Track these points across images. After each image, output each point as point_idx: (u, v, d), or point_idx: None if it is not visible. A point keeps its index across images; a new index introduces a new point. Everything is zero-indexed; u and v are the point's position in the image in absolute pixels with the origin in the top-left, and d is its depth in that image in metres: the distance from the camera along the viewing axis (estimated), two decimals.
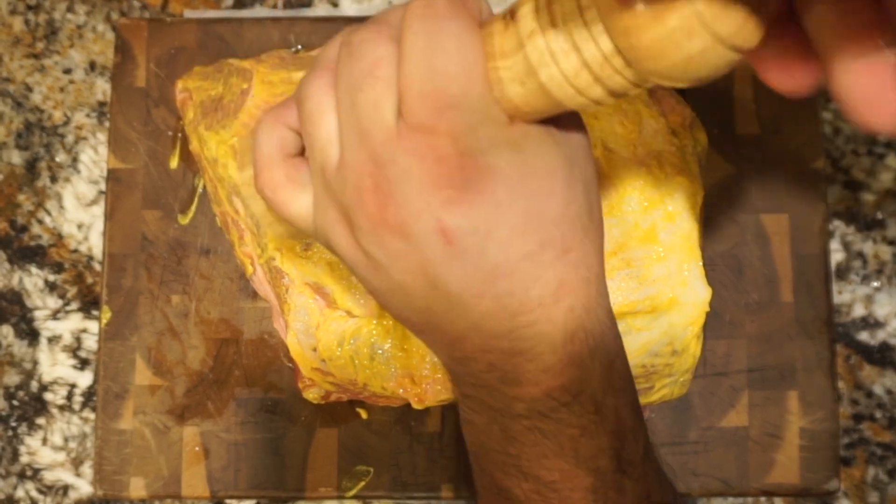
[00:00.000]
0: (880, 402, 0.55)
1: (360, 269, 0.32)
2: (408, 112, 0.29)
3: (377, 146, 0.29)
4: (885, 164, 0.57)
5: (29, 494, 0.55)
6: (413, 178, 0.29)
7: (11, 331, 0.56)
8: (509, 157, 0.29)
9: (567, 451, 0.31)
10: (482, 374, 0.32)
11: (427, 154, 0.29)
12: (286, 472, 0.53)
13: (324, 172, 0.31)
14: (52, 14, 0.59)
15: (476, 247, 0.29)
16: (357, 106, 0.30)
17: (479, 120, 0.29)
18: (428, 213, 0.29)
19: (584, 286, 0.31)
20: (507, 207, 0.29)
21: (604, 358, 0.32)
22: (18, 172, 0.58)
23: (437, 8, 0.29)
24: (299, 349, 0.49)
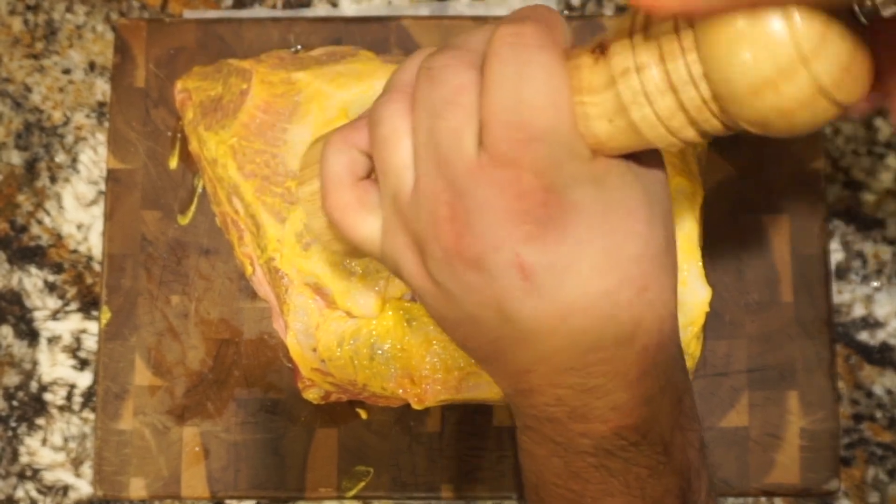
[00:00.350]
0: (880, 402, 0.55)
1: (427, 298, 0.32)
2: (491, 143, 0.28)
3: (456, 175, 0.29)
4: (884, 163, 0.57)
5: (29, 495, 0.55)
6: (493, 211, 0.28)
7: (11, 331, 0.56)
8: (592, 194, 0.29)
9: (634, 490, 0.31)
10: (548, 407, 0.31)
11: (509, 187, 0.28)
12: (286, 473, 0.53)
13: (396, 198, 0.31)
14: (52, 14, 0.59)
15: (553, 283, 0.29)
16: (436, 133, 0.29)
17: (563, 154, 0.28)
18: (507, 247, 0.28)
19: (659, 324, 0.30)
20: (588, 244, 0.29)
21: (673, 395, 0.31)
22: (18, 173, 0.58)
23: (526, 37, 0.28)
24: (299, 349, 0.49)
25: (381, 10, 0.59)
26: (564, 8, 0.58)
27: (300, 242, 0.49)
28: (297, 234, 0.49)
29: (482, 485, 0.52)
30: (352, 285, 0.49)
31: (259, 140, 0.50)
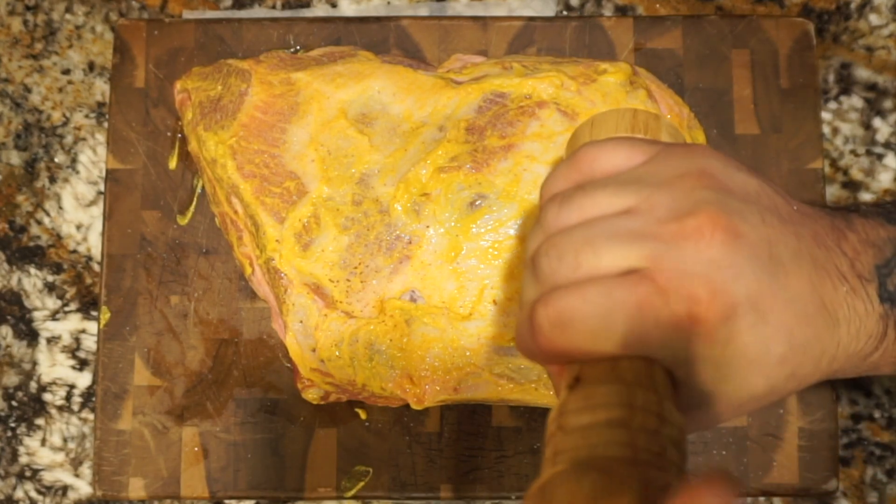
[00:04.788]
0: (879, 401, 0.55)
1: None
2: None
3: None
4: (883, 164, 0.57)
5: (28, 495, 0.55)
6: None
7: (10, 331, 0.56)
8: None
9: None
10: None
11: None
12: (285, 473, 0.53)
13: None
14: (51, 15, 0.59)
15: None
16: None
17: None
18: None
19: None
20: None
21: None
22: (17, 173, 0.58)
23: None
24: (298, 350, 0.49)
25: (381, 11, 0.59)
26: (564, 8, 0.58)
27: (299, 242, 0.49)
28: (297, 234, 0.49)
29: (481, 484, 0.52)
30: (351, 285, 0.49)
31: (258, 140, 0.50)
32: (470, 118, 0.49)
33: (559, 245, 0.32)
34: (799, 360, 0.32)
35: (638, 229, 0.31)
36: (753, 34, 0.56)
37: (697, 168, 0.32)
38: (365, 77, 0.51)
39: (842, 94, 0.57)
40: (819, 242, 0.34)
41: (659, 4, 0.58)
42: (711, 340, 0.30)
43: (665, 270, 0.30)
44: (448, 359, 0.48)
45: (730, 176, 0.33)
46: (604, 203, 0.32)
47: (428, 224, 0.48)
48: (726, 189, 0.32)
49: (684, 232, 0.30)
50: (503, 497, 0.53)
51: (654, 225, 0.31)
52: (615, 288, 0.30)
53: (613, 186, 0.32)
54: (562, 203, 0.33)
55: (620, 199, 0.32)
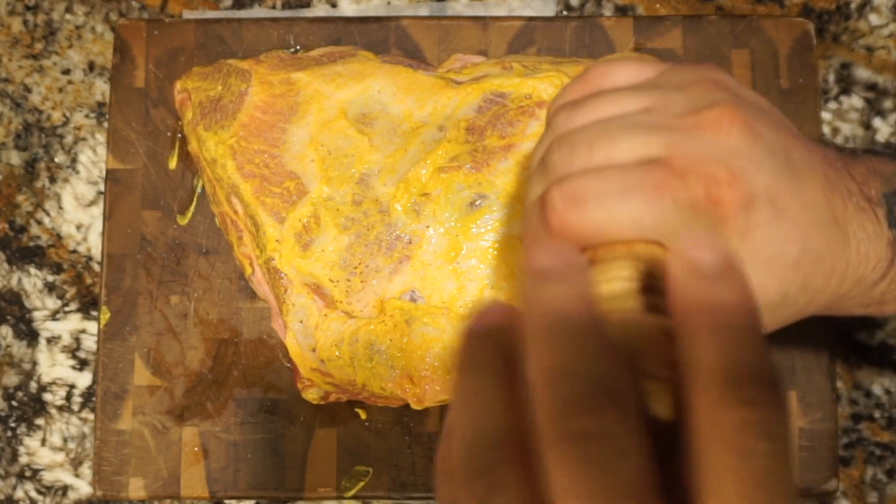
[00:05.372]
0: (879, 402, 0.55)
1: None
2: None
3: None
4: None
5: (28, 495, 0.55)
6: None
7: (10, 331, 0.56)
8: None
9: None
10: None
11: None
12: (285, 473, 0.53)
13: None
14: (51, 14, 0.59)
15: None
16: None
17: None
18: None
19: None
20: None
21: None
22: (17, 173, 0.58)
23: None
24: (298, 350, 0.49)
25: (381, 11, 0.59)
26: (564, 8, 0.58)
27: (299, 242, 0.49)
28: (297, 234, 0.49)
29: None
30: (351, 285, 0.49)
31: (258, 140, 0.50)
32: (470, 118, 0.49)
33: (572, 139, 0.31)
34: (811, 268, 0.32)
35: (655, 122, 0.30)
36: (753, 34, 0.56)
37: (711, 77, 0.32)
38: (365, 77, 0.51)
39: (842, 94, 0.57)
40: (829, 163, 0.34)
41: (659, 4, 0.58)
42: (729, 228, 0.29)
43: (684, 156, 0.29)
44: (448, 359, 0.48)
45: (743, 89, 0.33)
46: (618, 104, 0.31)
47: (428, 224, 0.48)
48: (741, 97, 0.32)
49: (702, 123, 0.30)
50: None
51: (672, 118, 0.30)
52: (633, 170, 0.29)
53: (627, 90, 0.32)
54: (573, 107, 0.32)
55: (634, 101, 0.31)
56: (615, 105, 0.31)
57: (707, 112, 0.30)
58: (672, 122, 0.30)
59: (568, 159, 0.30)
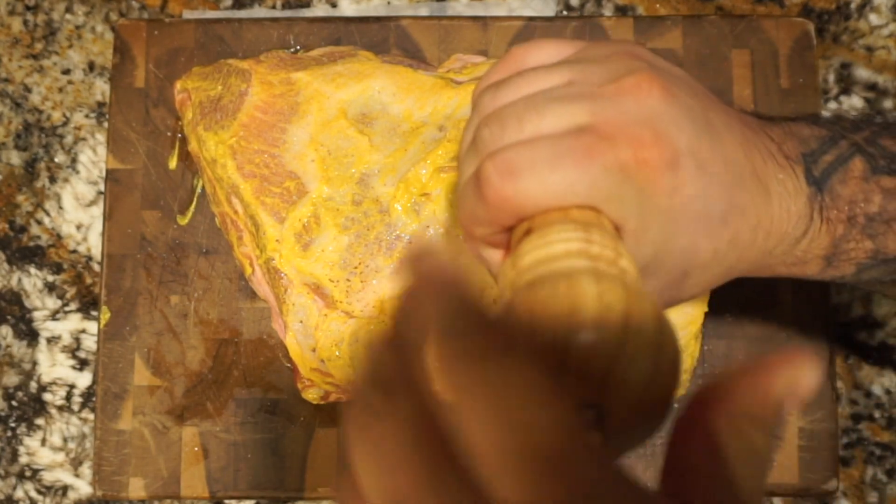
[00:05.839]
0: (879, 402, 0.55)
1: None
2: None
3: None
4: None
5: (28, 495, 0.55)
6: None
7: (10, 331, 0.56)
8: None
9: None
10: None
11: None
12: (285, 473, 0.53)
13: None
14: (51, 14, 0.59)
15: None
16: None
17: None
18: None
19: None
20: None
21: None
22: (17, 173, 0.58)
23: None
24: (298, 350, 0.49)
25: (381, 11, 0.59)
26: (564, 8, 0.58)
27: (299, 242, 0.49)
28: (297, 234, 0.49)
29: None
30: (351, 285, 0.49)
31: (258, 140, 0.50)
32: None
33: (500, 115, 0.32)
34: (738, 223, 0.33)
35: (578, 92, 0.31)
36: (753, 34, 0.56)
37: (626, 49, 0.33)
38: (365, 77, 0.51)
39: (842, 94, 0.57)
40: (747, 124, 0.35)
41: (659, 4, 0.58)
42: (657, 188, 0.30)
43: (609, 121, 0.30)
44: None
45: (658, 59, 0.34)
46: (541, 80, 0.32)
47: (428, 224, 0.48)
48: (657, 65, 0.33)
49: (623, 89, 0.31)
50: None
51: (594, 88, 0.31)
52: (562, 138, 0.30)
53: (548, 67, 0.33)
54: (498, 87, 0.33)
55: (557, 76, 0.32)
56: (539, 81, 0.32)
57: (627, 78, 0.31)
58: (595, 91, 0.31)
59: (499, 134, 0.31)
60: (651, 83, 0.31)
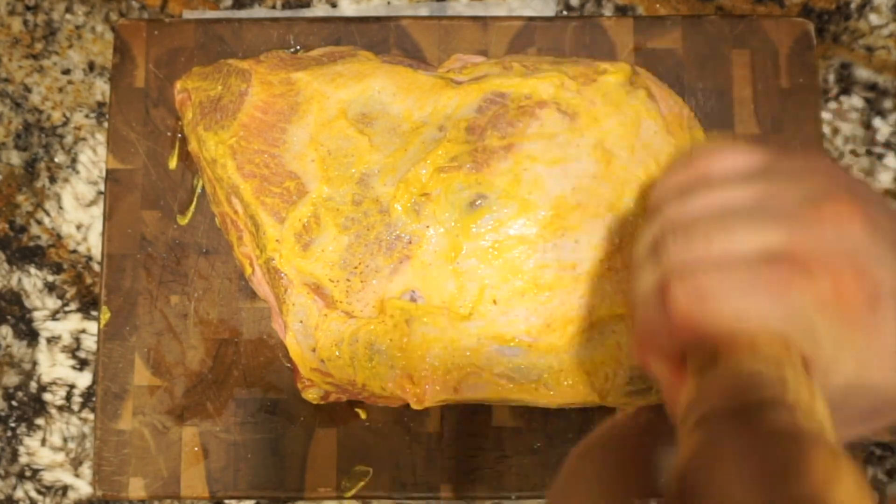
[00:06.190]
0: None
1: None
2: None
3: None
4: (884, 164, 0.57)
5: (28, 495, 0.55)
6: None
7: (10, 331, 0.56)
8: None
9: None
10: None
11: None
12: (285, 473, 0.53)
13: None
14: (51, 14, 0.59)
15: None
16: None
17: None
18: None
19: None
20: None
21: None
22: (17, 173, 0.58)
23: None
24: (298, 350, 0.49)
25: (381, 11, 0.59)
26: (564, 8, 0.58)
27: (299, 242, 0.49)
28: (297, 234, 0.49)
29: (481, 485, 0.52)
30: (351, 285, 0.49)
31: (258, 140, 0.50)
32: (470, 118, 0.49)
33: (686, 227, 0.30)
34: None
35: (771, 212, 0.29)
36: (753, 34, 0.56)
37: (822, 168, 0.31)
38: (365, 77, 0.51)
39: (842, 94, 0.57)
40: None
41: (659, 4, 0.58)
42: (856, 325, 0.28)
43: (807, 250, 0.29)
44: (448, 359, 0.48)
45: (852, 178, 0.32)
46: (730, 192, 0.31)
47: (428, 224, 0.48)
48: (854, 186, 0.31)
49: (823, 215, 0.29)
50: (503, 497, 0.53)
51: (790, 208, 0.29)
52: (757, 264, 0.28)
53: (737, 178, 0.31)
54: (682, 194, 0.32)
55: (747, 189, 0.31)
56: (727, 193, 0.31)
57: (827, 204, 0.29)
58: (791, 212, 0.29)
59: (684, 248, 0.30)
60: (853, 212, 0.29)
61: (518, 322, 0.48)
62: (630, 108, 0.49)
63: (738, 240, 0.29)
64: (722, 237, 0.29)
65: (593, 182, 0.48)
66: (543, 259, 0.48)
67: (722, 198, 0.31)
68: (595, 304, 0.48)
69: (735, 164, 0.33)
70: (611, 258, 0.48)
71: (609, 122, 0.49)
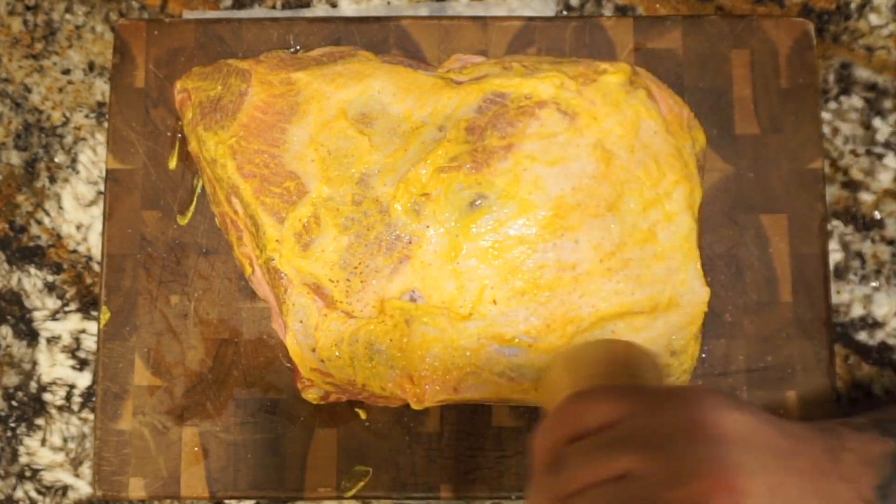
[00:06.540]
0: (879, 402, 0.55)
1: None
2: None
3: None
4: (883, 163, 0.57)
5: (28, 495, 0.55)
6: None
7: (10, 331, 0.56)
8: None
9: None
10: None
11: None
12: (285, 473, 0.53)
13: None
14: (51, 15, 0.59)
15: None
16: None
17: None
18: None
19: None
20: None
21: None
22: (17, 173, 0.58)
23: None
24: (298, 350, 0.49)
25: (381, 11, 0.59)
26: (564, 8, 0.58)
27: (299, 242, 0.49)
28: (297, 234, 0.49)
29: (481, 484, 0.52)
30: (351, 286, 0.49)
31: (258, 140, 0.50)
32: (470, 118, 0.49)
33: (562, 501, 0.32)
34: None
35: (641, 496, 0.30)
36: (753, 34, 0.56)
37: (690, 422, 0.32)
38: (365, 77, 0.51)
39: (842, 94, 0.57)
40: (820, 472, 0.35)
41: (659, 4, 0.58)
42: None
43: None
44: (448, 359, 0.48)
45: (722, 422, 0.33)
46: (600, 468, 0.32)
47: (428, 224, 0.48)
48: (723, 439, 0.32)
49: (692, 498, 0.30)
50: (503, 497, 0.53)
51: (658, 490, 0.30)
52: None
53: (607, 449, 0.32)
54: (557, 467, 0.33)
55: (617, 463, 0.32)
56: (597, 470, 0.32)
57: (694, 484, 0.30)
58: (660, 495, 0.30)
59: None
60: (720, 491, 0.30)
61: (518, 322, 0.48)
62: (630, 108, 0.49)
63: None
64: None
65: (593, 182, 0.48)
66: (543, 259, 0.48)
67: (592, 474, 0.32)
68: (595, 304, 0.48)
69: (604, 416, 0.34)
70: (611, 258, 0.48)
71: (609, 122, 0.49)
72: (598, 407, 0.34)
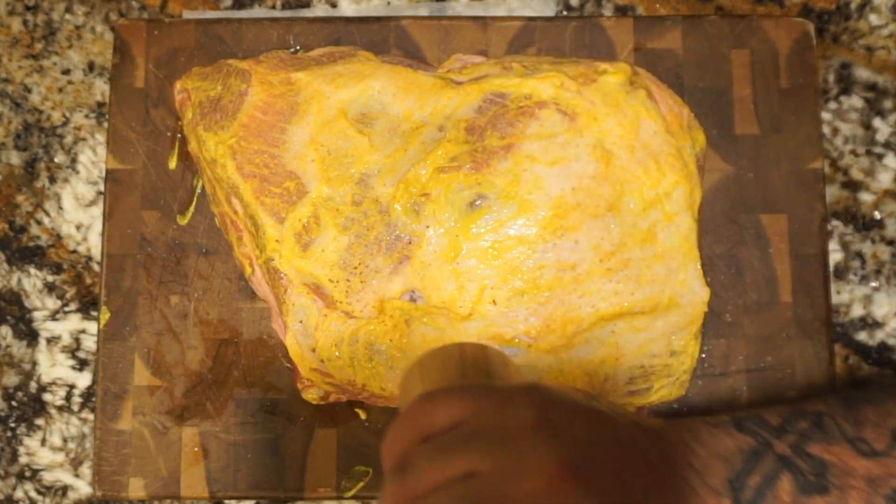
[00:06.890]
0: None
1: None
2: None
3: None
4: (883, 164, 0.57)
5: (28, 495, 0.55)
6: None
7: (10, 331, 0.56)
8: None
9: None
10: None
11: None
12: (285, 473, 0.53)
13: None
14: (51, 15, 0.59)
15: None
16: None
17: None
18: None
19: None
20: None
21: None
22: (17, 173, 0.58)
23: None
24: (298, 350, 0.49)
25: (381, 11, 0.59)
26: (564, 8, 0.58)
27: (299, 242, 0.49)
28: (296, 234, 0.49)
29: None
30: (351, 286, 0.49)
31: (258, 140, 0.50)
32: (470, 118, 0.49)
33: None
34: None
35: (487, 494, 0.31)
36: (753, 34, 0.56)
37: (532, 417, 0.33)
38: (365, 77, 0.51)
39: (842, 94, 0.57)
40: (668, 461, 0.35)
41: (659, 4, 0.58)
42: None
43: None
44: None
45: (564, 416, 0.33)
46: (447, 468, 0.32)
47: (428, 224, 0.48)
48: (564, 432, 0.32)
49: (535, 490, 0.31)
50: None
51: (502, 486, 0.31)
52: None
53: (453, 449, 0.33)
54: (405, 471, 0.33)
55: (462, 462, 0.32)
56: (444, 471, 0.32)
57: (537, 477, 0.31)
58: (506, 492, 0.31)
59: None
60: (563, 480, 0.31)
61: (518, 322, 0.48)
62: (630, 109, 0.49)
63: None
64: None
65: (593, 182, 0.48)
66: (543, 259, 0.48)
67: (438, 475, 0.32)
68: (595, 304, 0.48)
69: (450, 416, 0.34)
70: (610, 258, 0.48)
71: (609, 123, 0.49)
72: (445, 407, 0.34)
